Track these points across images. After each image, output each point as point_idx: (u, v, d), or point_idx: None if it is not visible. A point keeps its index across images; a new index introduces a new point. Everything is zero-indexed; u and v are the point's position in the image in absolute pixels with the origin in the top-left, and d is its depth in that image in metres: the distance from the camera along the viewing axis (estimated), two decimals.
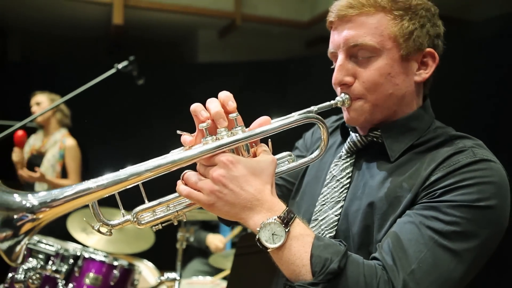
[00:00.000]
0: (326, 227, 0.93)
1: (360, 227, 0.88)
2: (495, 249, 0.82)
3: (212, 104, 0.79)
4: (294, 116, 0.83)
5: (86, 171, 3.23)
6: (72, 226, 2.60)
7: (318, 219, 0.95)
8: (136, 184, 0.78)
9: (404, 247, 0.78)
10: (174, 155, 0.78)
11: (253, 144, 0.84)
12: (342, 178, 0.95)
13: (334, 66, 0.94)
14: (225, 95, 0.80)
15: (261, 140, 0.85)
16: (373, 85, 0.89)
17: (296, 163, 0.89)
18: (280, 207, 0.77)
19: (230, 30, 4.83)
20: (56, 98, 3.09)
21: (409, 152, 0.90)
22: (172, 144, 0.83)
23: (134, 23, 4.50)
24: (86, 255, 2.20)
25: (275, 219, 0.75)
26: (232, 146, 0.78)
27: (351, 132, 0.99)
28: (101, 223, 0.83)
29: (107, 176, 0.76)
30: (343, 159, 0.98)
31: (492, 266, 1.02)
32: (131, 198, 0.88)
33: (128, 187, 0.78)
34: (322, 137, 0.86)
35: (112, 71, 2.25)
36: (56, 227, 2.59)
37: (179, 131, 0.80)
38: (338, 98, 0.91)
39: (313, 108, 0.87)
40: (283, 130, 0.82)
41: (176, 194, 0.82)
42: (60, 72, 4.37)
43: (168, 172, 0.78)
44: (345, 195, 0.94)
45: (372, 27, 0.87)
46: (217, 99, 0.80)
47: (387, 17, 0.88)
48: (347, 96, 0.91)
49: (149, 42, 5.27)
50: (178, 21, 4.71)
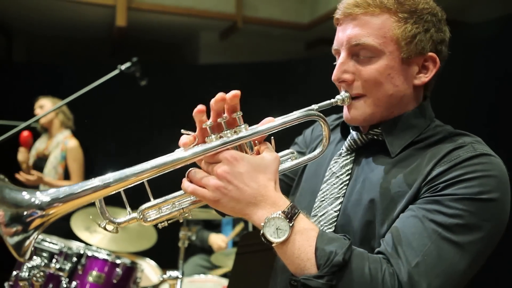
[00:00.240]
0: (325, 223, 0.93)
1: (362, 223, 0.88)
2: (496, 245, 0.82)
3: (216, 105, 0.80)
4: (296, 114, 0.84)
5: (88, 173, 3.21)
6: (76, 225, 2.61)
7: (317, 215, 0.95)
8: (142, 181, 0.79)
9: (408, 241, 0.78)
10: (179, 153, 0.79)
11: (256, 142, 0.84)
12: (341, 175, 0.96)
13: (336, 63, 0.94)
14: (232, 94, 0.80)
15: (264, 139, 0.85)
16: (372, 84, 0.89)
17: (298, 160, 0.89)
18: (284, 202, 0.78)
19: (231, 32, 4.83)
20: (59, 102, 3.07)
21: (409, 148, 0.90)
22: (174, 144, 0.83)
23: (137, 25, 4.51)
24: (89, 254, 2.20)
25: (279, 214, 0.76)
26: (235, 144, 0.79)
27: (351, 130, 0.99)
28: (107, 220, 0.83)
29: (113, 173, 0.77)
30: (343, 156, 0.98)
31: (492, 266, 1.02)
32: (135, 197, 0.88)
33: (133, 185, 0.78)
34: (324, 133, 0.86)
35: (115, 72, 2.27)
36: (60, 226, 2.61)
37: (183, 130, 0.81)
38: (338, 97, 0.91)
39: (314, 106, 0.87)
40: (283, 128, 0.83)
41: (181, 192, 0.83)
42: (64, 73, 4.38)
43: (173, 169, 0.79)
44: (344, 191, 0.94)
45: (375, 27, 0.88)
46: (221, 95, 0.80)
47: (391, 18, 0.88)
48: (347, 94, 0.91)
49: (151, 43, 5.28)
50: (180, 23, 4.71)
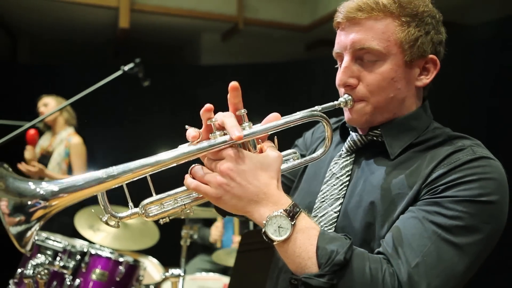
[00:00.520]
0: (325, 224, 0.93)
1: (362, 224, 0.88)
2: (494, 246, 0.83)
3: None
4: (300, 114, 0.84)
5: (92, 170, 3.27)
6: (79, 223, 2.62)
7: (317, 215, 0.95)
8: (145, 175, 0.79)
9: (408, 241, 0.78)
10: (183, 149, 0.79)
11: (259, 140, 0.84)
12: (341, 176, 0.96)
13: (338, 66, 0.94)
14: (232, 86, 0.79)
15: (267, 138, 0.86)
16: (376, 88, 0.90)
17: (300, 160, 0.90)
18: (286, 201, 0.78)
19: (232, 34, 4.86)
20: (62, 100, 3.11)
21: (408, 151, 0.91)
22: (176, 144, 0.83)
23: (140, 26, 4.53)
24: (93, 252, 2.21)
25: (281, 212, 0.76)
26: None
27: (351, 132, 1.00)
28: (109, 215, 0.82)
29: (117, 166, 0.77)
30: (343, 158, 0.98)
31: (492, 266, 1.03)
32: (138, 194, 0.87)
33: (136, 179, 0.78)
34: (326, 134, 0.87)
35: (118, 73, 2.30)
36: (64, 224, 2.61)
37: (187, 126, 0.81)
38: (341, 99, 0.92)
39: (317, 107, 0.87)
40: (284, 129, 0.83)
41: (184, 188, 0.83)
42: (68, 73, 4.40)
43: (176, 165, 0.79)
44: (344, 192, 0.94)
45: (379, 31, 0.88)
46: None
47: (394, 22, 0.88)
48: (350, 97, 0.92)
49: (154, 45, 5.31)
50: (182, 24, 4.73)
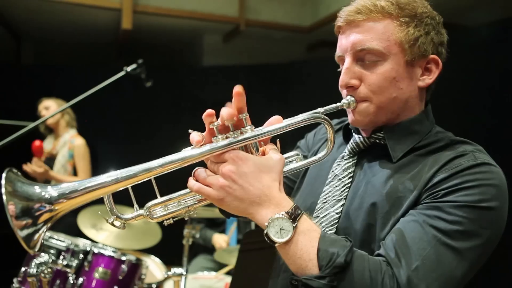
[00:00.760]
0: (326, 225, 0.94)
1: (362, 226, 0.89)
2: (493, 251, 0.84)
3: (225, 111, 0.80)
4: (302, 116, 0.85)
5: (95, 171, 3.26)
6: (83, 222, 2.64)
7: (319, 216, 0.96)
8: (149, 179, 0.80)
9: (408, 244, 0.79)
10: (186, 152, 0.81)
11: (262, 143, 0.85)
12: (344, 177, 0.97)
13: (341, 70, 0.95)
14: (236, 92, 0.80)
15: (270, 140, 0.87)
16: (378, 88, 0.90)
17: (302, 162, 0.90)
18: (288, 203, 0.78)
19: (234, 35, 4.85)
20: (62, 102, 3.12)
21: (410, 154, 0.92)
22: (179, 145, 0.84)
23: (142, 28, 4.53)
24: (96, 251, 2.24)
25: (283, 214, 0.76)
26: (241, 144, 0.80)
27: (354, 134, 1.00)
28: (115, 216, 0.84)
29: (121, 170, 0.79)
30: (346, 159, 0.99)
31: (492, 267, 1.03)
32: (141, 195, 0.89)
33: (141, 182, 0.80)
34: (329, 136, 0.87)
35: (121, 74, 2.31)
36: (67, 223, 2.62)
37: (190, 130, 0.82)
38: (344, 100, 0.93)
39: (320, 109, 0.88)
40: (286, 131, 0.84)
41: (187, 190, 0.84)
42: (71, 74, 4.41)
43: (179, 168, 0.80)
44: (346, 193, 0.95)
45: (379, 32, 0.89)
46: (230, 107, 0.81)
47: (393, 23, 0.90)
48: (352, 98, 0.92)
49: (156, 46, 5.31)
50: (184, 26, 4.73)
